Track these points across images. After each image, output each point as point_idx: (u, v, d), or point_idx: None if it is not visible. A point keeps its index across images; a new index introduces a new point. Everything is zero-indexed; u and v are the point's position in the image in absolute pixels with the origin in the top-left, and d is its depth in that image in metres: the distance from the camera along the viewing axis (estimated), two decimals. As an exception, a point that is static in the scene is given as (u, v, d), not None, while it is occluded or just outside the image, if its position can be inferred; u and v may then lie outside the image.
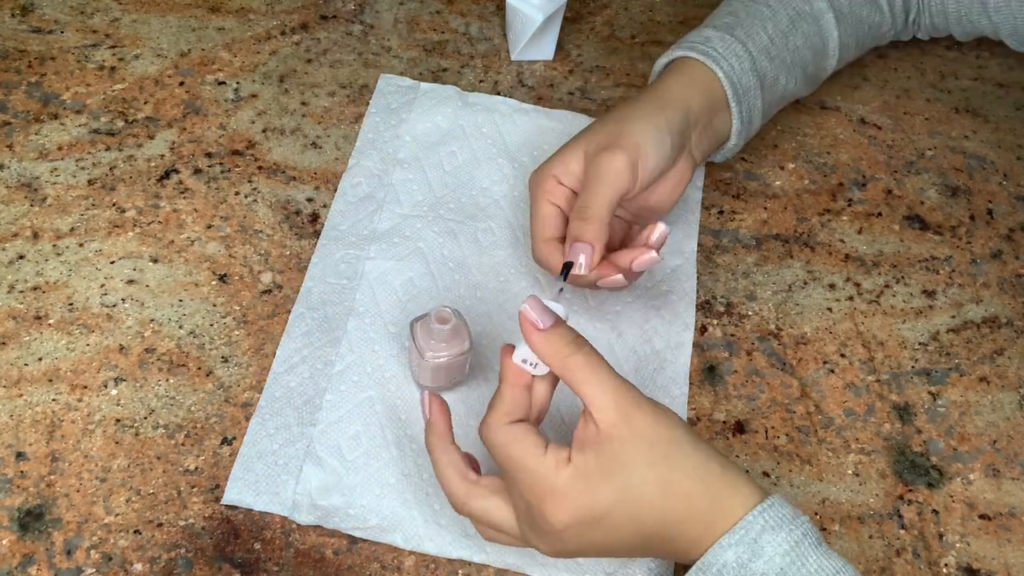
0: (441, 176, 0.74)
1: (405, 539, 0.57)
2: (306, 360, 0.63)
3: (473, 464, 0.53)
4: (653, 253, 0.60)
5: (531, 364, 0.51)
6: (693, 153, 0.66)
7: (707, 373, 0.66)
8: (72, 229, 0.69)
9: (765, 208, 0.76)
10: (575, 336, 0.50)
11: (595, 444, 0.48)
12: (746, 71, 0.67)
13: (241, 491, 0.58)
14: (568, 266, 0.58)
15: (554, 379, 0.52)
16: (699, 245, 0.72)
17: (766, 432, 0.64)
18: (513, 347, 0.51)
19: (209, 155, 0.74)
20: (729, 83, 0.66)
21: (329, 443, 0.60)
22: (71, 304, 0.65)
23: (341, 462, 0.59)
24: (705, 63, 0.66)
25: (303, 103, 0.78)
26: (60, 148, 0.73)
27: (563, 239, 0.62)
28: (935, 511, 0.61)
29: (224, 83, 0.79)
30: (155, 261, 0.68)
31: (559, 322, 0.50)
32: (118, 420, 0.60)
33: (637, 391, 0.49)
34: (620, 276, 0.61)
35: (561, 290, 0.57)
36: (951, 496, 0.62)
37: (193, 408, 0.61)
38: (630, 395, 0.49)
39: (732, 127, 0.69)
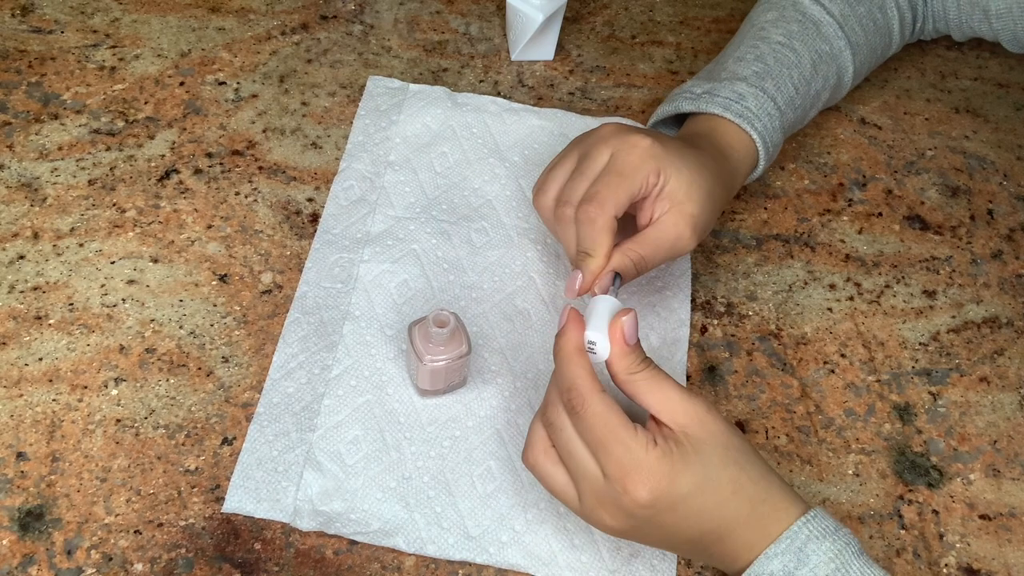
0: (432, 177, 0.74)
1: (408, 542, 0.57)
2: (303, 365, 0.63)
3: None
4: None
5: (593, 348, 0.52)
6: None
7: (707, 373, 0.66)
8: (72, 229, 0.69)
9: (765, 208, 0.76)
10: (644, 355, 0.52)
11: (673, 438, 0.49)
12: (776, 129, 0.69)
13: (242, 499, 0.58)
14: (619, 277, 0.58)
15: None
16: (699, 245, 0.72)
17: (766, 432, 0.64)
18: (580, 317, 0.53)
19: (209, 155, 0.74)
20: (763, 146, 0.68)
21: (329, 448, 0.60)
22: (71, 304, 0.65)
23: (341, 467, 0.59)
24: (743, 127, 0.67)
25: (303, 103, 0.78)
26: (60, 148, 0.73)
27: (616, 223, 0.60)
28: (935, 511, 0.61)
29: (224, 83, 0.79)
30: (155, 261, 0.68)
31: (638, 343, 0.52)
32: (118, 420, 0.60)
33: (707, 400, 0.51)
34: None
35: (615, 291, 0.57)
36: (951, 496, 0.62)
37: (193, 408, 0.61)
38: (699, 401, 0.50)
39: (754, 173, 0.70)
